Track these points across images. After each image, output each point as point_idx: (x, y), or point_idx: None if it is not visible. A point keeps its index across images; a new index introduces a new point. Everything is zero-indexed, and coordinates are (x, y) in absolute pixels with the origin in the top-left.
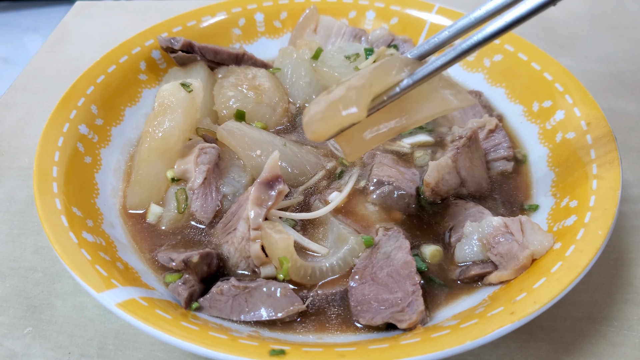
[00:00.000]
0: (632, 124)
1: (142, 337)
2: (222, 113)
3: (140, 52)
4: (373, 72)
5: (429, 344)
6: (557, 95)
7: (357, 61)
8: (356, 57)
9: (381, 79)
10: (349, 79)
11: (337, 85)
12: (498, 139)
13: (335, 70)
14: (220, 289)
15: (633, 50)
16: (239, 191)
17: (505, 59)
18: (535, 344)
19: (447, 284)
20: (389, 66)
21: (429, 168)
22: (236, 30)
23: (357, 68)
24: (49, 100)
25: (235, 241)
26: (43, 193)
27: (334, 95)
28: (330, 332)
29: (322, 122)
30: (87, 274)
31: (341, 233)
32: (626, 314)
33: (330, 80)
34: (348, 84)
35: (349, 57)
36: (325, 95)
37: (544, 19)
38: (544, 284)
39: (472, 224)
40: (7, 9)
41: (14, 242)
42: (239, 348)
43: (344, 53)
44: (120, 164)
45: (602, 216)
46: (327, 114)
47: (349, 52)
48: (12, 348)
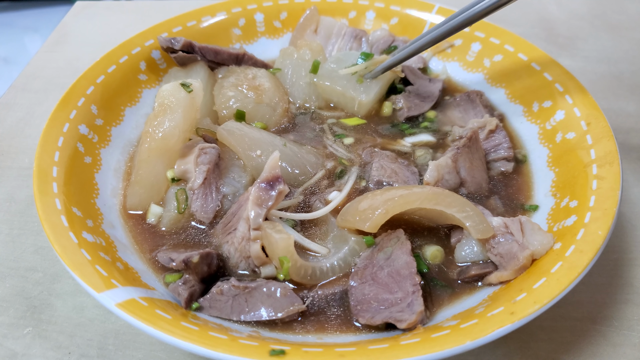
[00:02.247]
0: (632, 124)
1: (142, 337)
2: (222, 113)
3: (140, 52)
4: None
5: (429, 344)
6: (557, 96)
7: (355, 67)
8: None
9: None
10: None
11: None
12: (498, 140)
13: (337, 84)
14: (221, 289)
15: (633, 50)
16: (239, 191)
17: (506, 59)
18: (535, 344)
19: (447, 285)
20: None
21: (429, 168)
22: (236, 30)
23: (360, 80)
24: (49, 100)
25: (236, 241)
26: (43, 193)
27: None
28: (330, 332)
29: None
30: (87, 274)
31: (342, 233)
32: (626, 314)
33: (333, 94)
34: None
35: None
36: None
37: (544, 19)
38: (544, 284)
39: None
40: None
41: (14, 242)
42: (239, 348)
43: (344, 64)
44: (120, 164)
45: (602, 216)
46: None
47: (347, 62)
48: (12, 348)
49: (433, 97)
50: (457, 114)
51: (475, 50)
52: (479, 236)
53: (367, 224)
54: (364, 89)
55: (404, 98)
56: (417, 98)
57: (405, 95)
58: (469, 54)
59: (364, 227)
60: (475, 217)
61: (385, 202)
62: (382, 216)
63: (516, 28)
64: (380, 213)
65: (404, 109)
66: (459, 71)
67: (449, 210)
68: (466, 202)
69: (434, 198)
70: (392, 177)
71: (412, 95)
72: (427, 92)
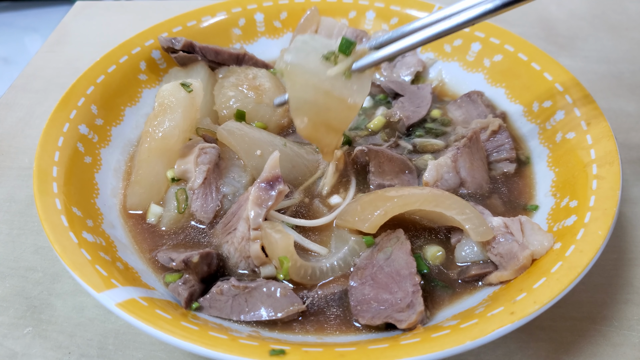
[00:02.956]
0: (632, 124)
1: (142, 337)
2: (223, 113)
3: (141, 52)
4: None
5: (429, 344)
6: (557, 96)
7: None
8: (335, 57)
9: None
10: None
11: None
12: (501, 140)
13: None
14: (220, 289)
15: (633, 50)
16: (239, 191)
17: (505, 59)
18: (535, 344)
19: (447, 285)
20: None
21: (428, 167)
22: (236, 30)
23: (348, 75)
24: (49, 100)
25: (235, 241)
26: (43, 193)
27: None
28: (330, 332)
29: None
30: (87, 274)
31: (341, 233)
32: (626, 314)
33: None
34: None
35: (328, 58)
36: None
37: (544, 19)
38: (544, 284)
39: None
40: (7, 9)
41: (14, 242)
42: (239, 348)
43: (321, 53)
44: (120, 164)
45: (602, 216)
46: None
47: (322, 50)
48: (12, 348)
49: (427, 100)
50: (460, 115)
51: (475, 50)
52: (479, 239)
53: (365, 224)
54: (356, 87)
55: (399, 109)
56: (412, 106)
57: (400, 106)
58: (468, 54)
59: (362, 228)
60: (474, 219)
61: (384, 203)
62: (381, 217)
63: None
64: (379, 214)
65: (402, 119)
66: (458, 71)
67: (449, 213)
68: (466, 204)
69: (433, 200)
70: (391, 177)
71: (407, 104)
72: (419, 97)
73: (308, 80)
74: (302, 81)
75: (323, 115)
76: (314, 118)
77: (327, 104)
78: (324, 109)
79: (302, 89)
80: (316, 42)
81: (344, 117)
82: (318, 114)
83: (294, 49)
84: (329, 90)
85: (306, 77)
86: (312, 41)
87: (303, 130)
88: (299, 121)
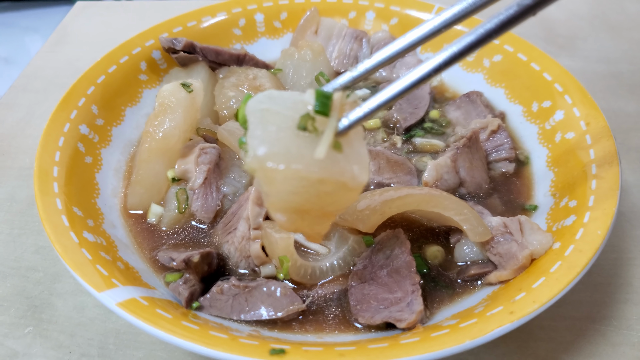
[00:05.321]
0: (632, 124)
1: (143, 337)
2: (223, 113)
3: (141, 52)
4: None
5: (429, 344)
6: (557, 96)
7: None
8: (312, 122)
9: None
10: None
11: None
12: (500, 140)
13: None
14: (221, 289)
15: (633, 50)
16: (240, 191)
17: (505, 59)
18: (534, 343)
19: (446, 284)
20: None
21: (428, 167)
22: (236, 30)
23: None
24: (50, 100)
25: (236, 241)
26: (44, 193)
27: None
28: (330, 331)
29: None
30: (87, 274)
31: (341, 232)
32: (625, 313)
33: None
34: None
35: (305, 127)
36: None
37: (544, 19)
38: (543, 284)
39: None
40: (8, 9)
41: (14, 242)
42: (239, 347)
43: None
44: (120, 164)
45: (602, 216)
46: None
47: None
48: (13, 347)
49: (425, 101)
50: (460, 115)
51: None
52: (477, 239)
53: (364, 224)
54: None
55: (396, 111)
56: (409, 107)
57: (397, 108)
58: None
59: (360, 227)
60: (472, 220)
61: (382, 204)
62: (379, 217)
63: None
64: (378, 214)
65: (400, 121)
66: (458, 71)
67: (447, 213)
68: (464, 204)
69: (431, 200)
70: (391, 177)
71: (405, 106)
72: (417, 98)
73: (292, 173)
74: (283, 176)
75: (314, 204)
76: (301, 210)
77: (320, 193)
78: (314, 199)
79: (284, 184)
80: (280, 105)
81: (344, 202)
82: (307, 205)
83: (259, 126)
84: (323, 178)
85: (288, 171)
86: (274, 105)
87: (286, 225)
88: (280, 217)
